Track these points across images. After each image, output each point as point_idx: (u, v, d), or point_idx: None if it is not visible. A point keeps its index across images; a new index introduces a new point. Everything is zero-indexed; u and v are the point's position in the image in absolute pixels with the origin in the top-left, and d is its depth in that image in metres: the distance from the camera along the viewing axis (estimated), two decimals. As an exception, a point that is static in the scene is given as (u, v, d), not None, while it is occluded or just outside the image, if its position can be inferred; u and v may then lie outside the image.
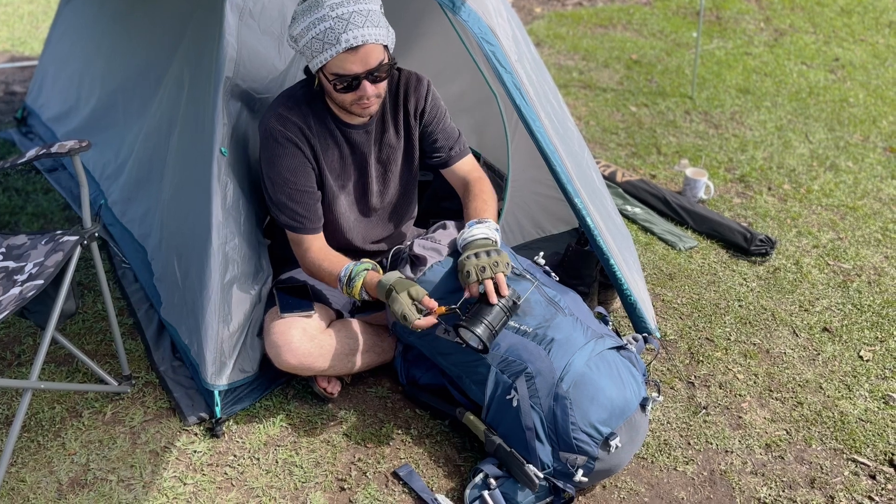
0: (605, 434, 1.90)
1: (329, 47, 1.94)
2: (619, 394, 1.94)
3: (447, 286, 2.11)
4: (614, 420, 1.92)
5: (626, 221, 3.25)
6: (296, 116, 2.10)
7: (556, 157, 2.23)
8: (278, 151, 2.10)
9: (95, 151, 3.13)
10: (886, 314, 2.74)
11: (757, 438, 2.22)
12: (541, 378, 1.94)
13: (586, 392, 1.92)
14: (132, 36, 3.03)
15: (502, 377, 1.99)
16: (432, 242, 2.22)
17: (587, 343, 1.99)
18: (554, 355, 1.96)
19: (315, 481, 2.05)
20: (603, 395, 1.92)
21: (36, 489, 2.01)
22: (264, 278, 2.25)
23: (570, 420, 1.90)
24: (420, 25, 2.99)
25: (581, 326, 2.04)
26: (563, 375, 1.93)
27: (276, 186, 2.13)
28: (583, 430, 1.90)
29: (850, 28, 5.83)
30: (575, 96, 4.58)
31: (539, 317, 2.05)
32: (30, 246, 2.11)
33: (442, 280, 2.13)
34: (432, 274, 2.14)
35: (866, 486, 2.08)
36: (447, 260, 2.16)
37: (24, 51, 5.17)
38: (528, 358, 1.97)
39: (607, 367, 1.97)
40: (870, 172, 3.70)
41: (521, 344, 2.00)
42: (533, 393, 1.94)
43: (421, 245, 2.20)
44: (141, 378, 2.37)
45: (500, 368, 2.00)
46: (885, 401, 2.36)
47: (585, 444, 1.90)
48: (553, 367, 1.94)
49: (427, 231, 2.34)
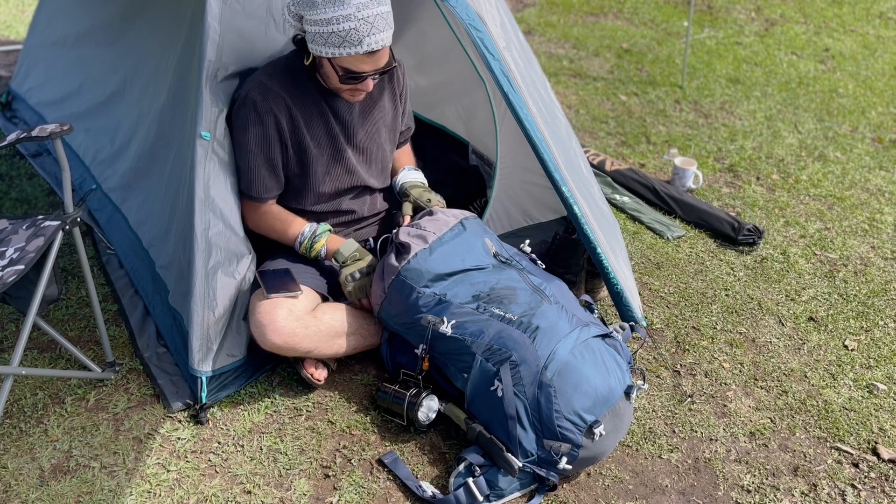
0: (590, 422, 1.90)
1: (349, 46, 1.99)
2: (604, 382, 1.94)
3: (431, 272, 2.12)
4: (598, 408, 1.92)
5: (615, 210, 3.25)
6: (278, 86, 2.14)
7: (543, 145, 2.22)
8: (252, 119, 2.13)
9: (88, 137, 3.10)
10: (872, 304, 2.75)
11: (741, 427, 2.22)
12: (525, 366, 1.94)
13: (570, 380, 1.92)
14: (125, 20, 2.99)
15: (487, 365, 1.99)
16: (417, 230, 2.22)
17: (572, 331, 1.99)
18: (539, 343, 1.96)
19: (300, 468, 2.05)
20: (587, 384, 1.92)
21: (18, 476, 1.99)
22: (249, 263, 2.23)
23: (555, 408, 1.90)
24: (408, 11, 2.97)
25: (566, 314, 2.04)
26: (547, 363, 1.93)
27: (242, 153, 2.18)
28: (567, 418, 1.90)
29: (841, 18, 5.83)
30: (565, 85, 4.57)
31: (524, 304, 2.04)
32: (11, 231, 2.09)
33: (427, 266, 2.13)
34: (417, 262, 2.13)
35: (849, 474, 2.09)
36: (435, 243, 2.17)
37: (9, 35, 5.11)
38: (512, 346, 1.97)
39: (592, 356, 1.97)
40: (858, 163, 3.71)
41: (505, 332, 1.99)
42: (517, 381, 1.94)
43: (406, 232, 2.20)
44: (125, 364, 2.35)
45: (485, 357, 1.99)
46: (869, 390, 2.37)
47: (569, 432, 1.91)
48: (538, 355, 1.94)
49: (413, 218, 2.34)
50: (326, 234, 2.27)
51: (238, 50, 2.18)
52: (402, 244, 2.17)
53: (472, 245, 2.21)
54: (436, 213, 2.29)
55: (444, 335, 2.04)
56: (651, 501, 1.99)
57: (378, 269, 2.22)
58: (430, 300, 2.10)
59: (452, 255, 2.16)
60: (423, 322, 2.07)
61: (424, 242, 2.17)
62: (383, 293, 2.17)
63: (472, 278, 2.14)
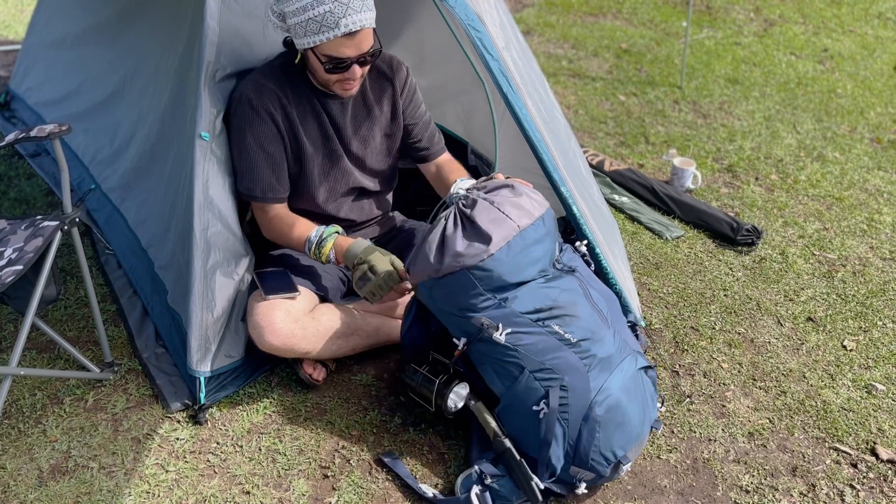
0: (619, 457, 1.89)
1: (327, 30, 1.95)
2: (640, 419, 1.92)
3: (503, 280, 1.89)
4: (630, 444, 1.91)
5: (613, 210, 3.25)
6: (273, 85, 2.13)
7: (542, 145, 2.22)
8: (250, 118, 2.11)
9: (87, 137, 3.10)
10: (870, 304, 2.75)
11: (740, 427, 2.22)
12: (574, 394, 1.85)
13: (615, 418, 1.87)
14: (124, 20, 2.99)
15: (535, 383, 1.87)
16: (499, 212, 1.89)
17: (622, 361, 1.92)
18: (592, 374, 1.87)
19: (298, 468, 2.04)
20: (629, 423, 1.89)
21: (16, 476, 1.99)
22: (248, 263, 2.23)
23: (594, 443, 1.85)
24: (407, 11, 2.97)
25: (619, 340, 1.96)
26: (597, 398, 1.86)
27: (242, 154, 2.15)
28: (601, 454, 1.87)
29: (840, 19, 5.83)
30: (564, 85, 4.57)
31: (585, 328, 1.91)
32: (9, 231, 2.09)
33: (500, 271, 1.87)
34: (492, 263, 1.86)
35: (848, 475, 2.09)
36: (516, 241, 1.88)
37: (7, 34, 5.11)
38: (565, 370, 1.86)
39: (637, 392, 1.93)
40: (856, 163, 3.71)
41: (562, 354, 1.87)
42: (563, 408, 1.86)
43: (486, 214, 1.88)
44: (123, 365, 2.35)
45: (535, 374, 1.87)
46: (868, 390, 2.37)
47: (599, 465, 1.88)
48: (589, 387, 1.85)
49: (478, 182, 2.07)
50: (333, 236, 2.17)
51: (237, 51, 2.18)
52: (479, 229, 1.88)
53: (546, 248, 1.97)
54: (517, 189, 1.98)
55: (496, 342, 1.88)
56: (650, 501, 1.99)
57: (435, 235, 1.91)
58: (490, 303, 1.90)
59: (527, 259, 1.91)
60: (476, 322, 1.89)
61: (504, 237, 1.88)
62: (436, 273, 1.90)
63: (537, 288, 1.92)
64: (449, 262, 1.87)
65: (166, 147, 2.48)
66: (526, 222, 1.91)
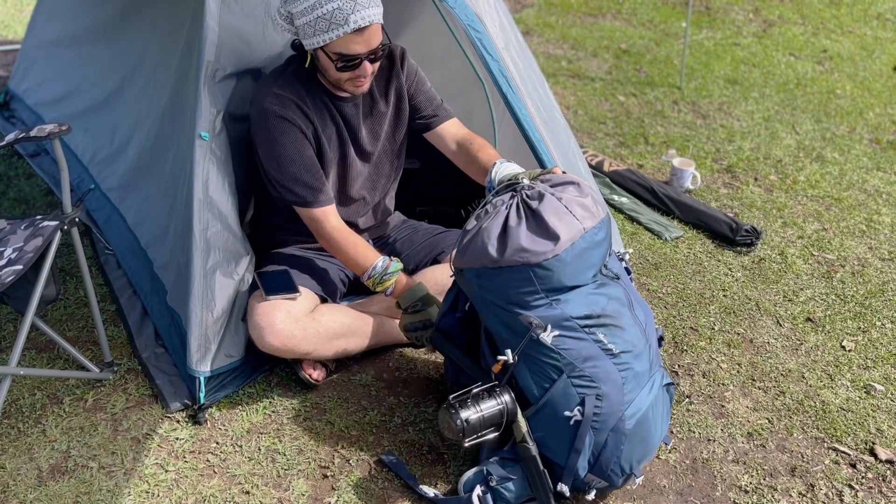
0: (634, 470, 1.90)
1: (336, 27, 1.95)
2: (659, 435, 1.94)
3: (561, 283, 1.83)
4: (647, 458, 1.93)
5: (613, 211, 3.25)
6: (291, 94, 2.12)
7: (542, 145, 2.23)
8: (279, 129, 2.10)
9: (87, 137, 3.10)
10: (869, 305, 2.75)
11: (739, 427, 2.23)
12: (608, 404, 1.84)
13: (640, 432, 1.87)
14: (123, 20, 2.99)
15: (571, 390, 1.83)
16: (567, 209, 1.82)
17: (653, 375, 1.93)
18: (628, 387, 1.86)
19: (298, 468, 2.05)
20: (651, 438, 1.90)
21: (16, 476, 1.99)
22: (248, 263, 2.23)
23: (616, 455, 1.85)
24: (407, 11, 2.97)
25: (653, 355, 1.96)
26: (628, 411, 1.85)
27: (283, 165, 2.12)
28: (620, 465, 1.87)
29: (839, 19, 5.84)
30: (563, 85, 4.57)
31: (628, 340, 1.88)
32: (9, 231, 2.09)
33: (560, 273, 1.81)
34: (556, 263, 1.78)
35: (847, 475, 2.09)
36: (580, 241, 1.81)
37: (7, 34, 5.11)
38: (604, 379, 1.84)
39: (661, 409, 1.93)
40: (855, 164, 3.72)
41: (602, 363, 1.84)
42: (596, 417, 1.84)
43: (553, 207, 1.81)
44: (123, 365, 2.35)
45: (573, 380, 1.83)
46: (867, 390, 2.37)
47: (615, 475, 1.88)
48: (623, 400, 1.85)
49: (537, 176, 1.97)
50: (398, 273, 2.15)
51: (236, 51, 2.19)
52: (545, 224, 1.80)
53: (601, 254, 1.90)
54: (583, 188, 1.92)
55: (539, 342, 1.82)
56: (649, 501, 1.99)
57: (496, 223, 1.83)
58: (543, 303, 1.83)
59: (585, 262, 1.86)
60: (524, 320, 1.82)
61: (570, 237, 1.81)
62: (493, 264, 1.81)
63: (588, 292, 1.87)
64: (510, 255, 1.79)
65: (165, 147, 2.48)
66: (590, 224, 1.85)
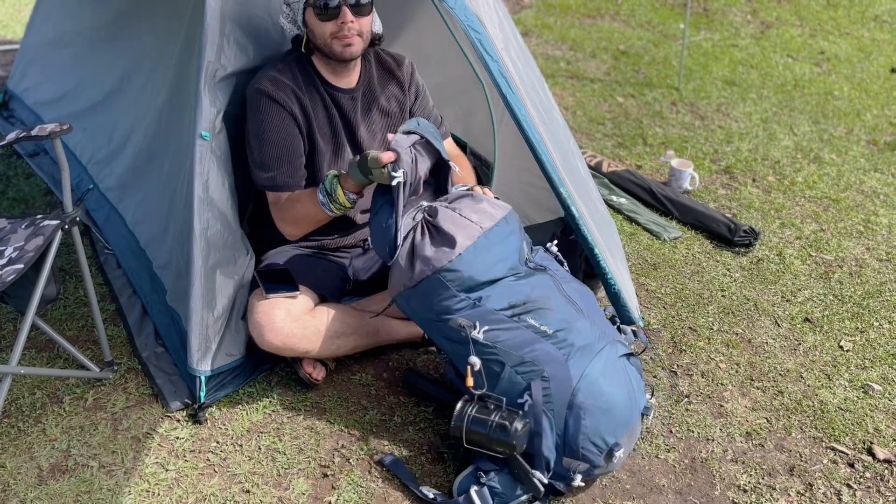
0: (611, 444, 1.89)
1: None
2: (627, 404, 1.93)
3: (473, 280, 1.95)
4: (620, 430, 1.92)
5: (611, 211, 3.26)
6: (287, 78, 2.17)
7: (541, 146, 2.23)
8: (268, 110, 2.14)
9: (85, 136, 3.10)
10: (867, 305, 2.76)
11: (738, 427, 2.23)
12: (556, 383, 1.88)
13: (599, 403, 1.89)
14: (122, 19, 2.99)
15: (517, 377, 1.90)
16: (461, 217, 1.98)
17: (602, 349, 1.95)
18: (572, 362, 1.90)
19: (298, 468, 2.05)
20: (615, 408, 1.90)
21: (16, 475, 1.99)
22: (248, 262, 2.24)
23: (581, 431, 1.87)
24: (406, 12, 2.98)
25: (598, 330, 1.99)
26: (579, 385, 1.88)
27: (263, 145, 2.16)
28: (591, 441, 1.88)
29: (836, 21, 5.86)
30: (562, 86, 4.58)
31: (559, 319, 1.96)
32: (10, 230, 2.09)
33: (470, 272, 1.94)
34: (460, 263, 1.93)
35: (845, 474, 2.10)
36: (481, 241, 1.96)
37: (5, 34, 5.10)
38: (546, 361, 1.90)
39: (619, 377, 1.94)
40: (853, 165, 3.73)
41: (539, 346, 1.92)
42: (547, 398, 1.88)
43: (449, 218, 1.96)
44: (123, 364, 2.35)
45: (516, 368, 1.91)
46: (865, 390, 2.38)
47: (590, 454, 1.89)
48: (570, 375, 1.89)
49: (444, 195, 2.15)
50: (335, 181, 2.07)
51: (237, 50, 2.19)
52: (446, 235, 1.94)
53: (512, 247, 2.04)
54: (477, 198, 2.07)
55: (475, 341, 1.92)
56: (648, 501, 2.00)
57: (405, 246, 1.98)
58: (465, 304, 1.95)
59: (494, 258, 1.99)
60: (453, 324, 1.93)
61: (469, 238, 1.96)
62: (410, 282, 1.96)
63: (509, 285, 1.99)
64: (420, 268, 1.94)
65: (164, 146, 2.49)
66: (489, 224, 2.00)
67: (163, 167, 2.47)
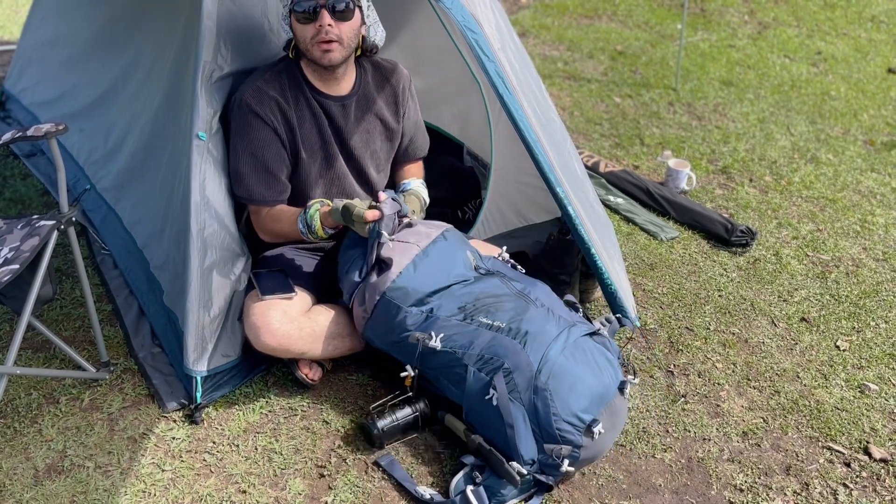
0: (588, 421, 1.91)
1: None
2: (597, 380, 1.95)
3: (418, 292, 2.09)
4: (595, 407, 1.93)
5: (609, 211, 3.26)
6: (273, 90, 2.15)
7: (538, 146, 2.23)
8: (249, 124, 2.13)
9: (82, 137, 3.09)
10: (863, 305, 2.77)
11: (734, 426, 2.24)
12: (518, 372, 1.93)
13: (565, 382, 1.92)
14: (119, 20, 2.99)
15: (480, 375, 1.97)
16: (399, 242, 2.15)
17: (560, 332, 1.99)
18: (529, 348, 1.95)
19: (294, 468, 2.05)
20: (581, 384, 1.93)
21: (12, 475, 1.99)
22: (244, 263, 2.24)
23: (552, 411, 1.90)
24: (403, 13, 2.97)
25: (553, 317, 2.04)
26: (540, 368, 1.93)
27: (240, 158, 2.16)
28: (565, 420, 1.90)
29: (833, 22, 5.86)
30: (559, 87, 4.59)
31: (511, 311, 2.04)
32: (6, 230, 2.09)
33: (413, 285, 2.09)
34: (402, 280, 2.09)
35: (841, 474, 2.10)
36: (419, 257, 2.12)
37: (2, 35, 5.10)
38: (503, 353, 1.96)
39: (583, 355, 1.97)
40: (850, 165, 3.73)
41: (495, 340, 1.98)
42: (512, 388, 1.93)
43: (387, 247, 2.13)
44: (119, 365, 2.35)
45: (478, 367, 1.97)
46: (861, 390, 2.38)
47: (569, 434, 1.90)
48: (530, 361, 1.94)
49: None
50: (316, 213, 2.14)
51: (233, 51, 2.19)
52: (384, 260, 2.12)
53: (455, 258, 2.18)
54: (416, 225, 2.23)
55: (434, 350, 2.01)
56: (645, 500, 2.00)
57: (359, 289, 2.16)
58: (418, 318, 2.07)
59: (437, 270, 2.13)
60: (412, 339, 2.04)
61: (407, 257, 2.12)
62: (367, 313, 2.13)
63: (457, 291, 2.11)
64: (370, 298, 2.11)
65: (160, 147, 2.48)
66: (426, 242, 2.16)
67: (160, 168, 2.47)
